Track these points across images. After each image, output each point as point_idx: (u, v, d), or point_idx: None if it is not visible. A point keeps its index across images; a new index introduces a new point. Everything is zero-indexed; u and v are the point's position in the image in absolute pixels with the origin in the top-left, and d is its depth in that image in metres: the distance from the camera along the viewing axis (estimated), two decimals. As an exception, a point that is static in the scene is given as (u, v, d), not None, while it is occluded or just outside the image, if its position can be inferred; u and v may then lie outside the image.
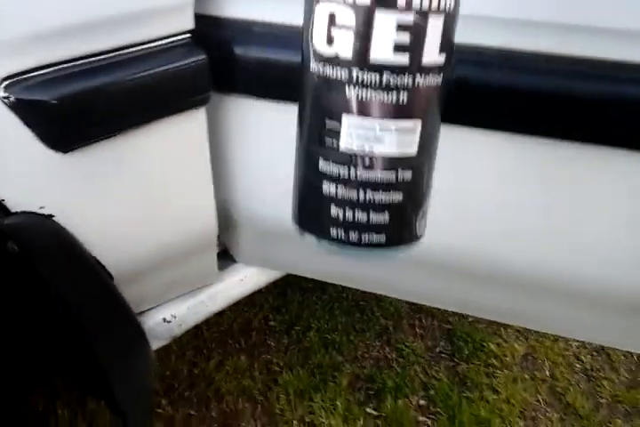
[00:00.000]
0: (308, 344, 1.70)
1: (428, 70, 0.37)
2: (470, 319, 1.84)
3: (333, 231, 0.43)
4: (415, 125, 0.38)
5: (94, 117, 0.76)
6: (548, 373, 1.71)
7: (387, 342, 1.76)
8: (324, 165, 0.41)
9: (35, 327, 0.94)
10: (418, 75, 0.37)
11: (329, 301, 1.86)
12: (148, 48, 0.78)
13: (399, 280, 1.04)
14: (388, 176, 0.39)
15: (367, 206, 0.41)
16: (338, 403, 1.52)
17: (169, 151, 0.86)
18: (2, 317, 0.86)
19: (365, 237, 0.42)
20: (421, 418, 1.53)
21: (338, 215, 0.42)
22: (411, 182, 0.41)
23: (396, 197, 0.40)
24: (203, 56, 0.81)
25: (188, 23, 0.80)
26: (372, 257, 0.46)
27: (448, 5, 0.36)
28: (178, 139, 0.86)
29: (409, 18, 0.35)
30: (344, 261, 1.09)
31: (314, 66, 0.39)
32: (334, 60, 0.37)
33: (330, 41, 0.37)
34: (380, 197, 0.40)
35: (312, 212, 0.45)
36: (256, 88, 0.86)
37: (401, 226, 0.43)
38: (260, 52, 0.83)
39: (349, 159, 0.39)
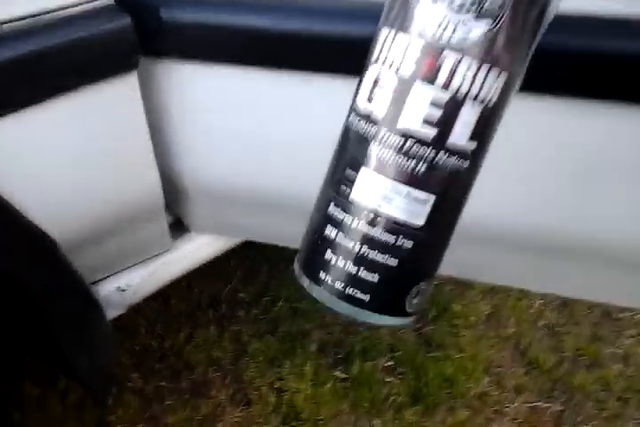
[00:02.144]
0: (277, 313, 1.72)
1: (452, 152, 0.38)
2: (435, 282, 1.87)
3: (322, 275, 0.43)
4: (428, 198, 0.39)
5: (17, 84, 0.76)
6: (512, 330, 1.75)
7: (354, 308, 1.78)
8: (332, 210, 0.42)
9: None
10: (441, 152, 0.38)
11: (296, 271, 1.88)
12: (71, 12, 0.78)
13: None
14: (388, 239, 0.40)
15: (360, 261, 0.41)
16: (306, 368, 1.55)
17: (102, 117, 0.86)
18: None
19: (349, 291, 0.43)
20: (388, 378, 1.56)
21: (330, 260, 0.43)
22: (409, 253, 0.41)
23: (391, 262, 0.41)
24: (127, 19, 0.81)
25: (111, -14, 0.80)
26: (358, 316, 0.45)
27: (488, 98, 0.37)
28: (110, 105, 0.86)
29: (444, 96, 0.36)
30: (299, 224, 1.11)
31: (352, 118, 0.41)
32: (369, 117, 0.39)
33: (370, 99, 0.39)
34: (375, 256, 0.41)
35: (309, 253, 0.46)
36: (184, 50, 0.86)
37: (388, 294, 0.44)
38: (185, 13, 0.83)
39: (356, 210, 0.41)
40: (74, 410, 1.41)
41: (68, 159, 0.87)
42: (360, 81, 0.41)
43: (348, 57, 0.82)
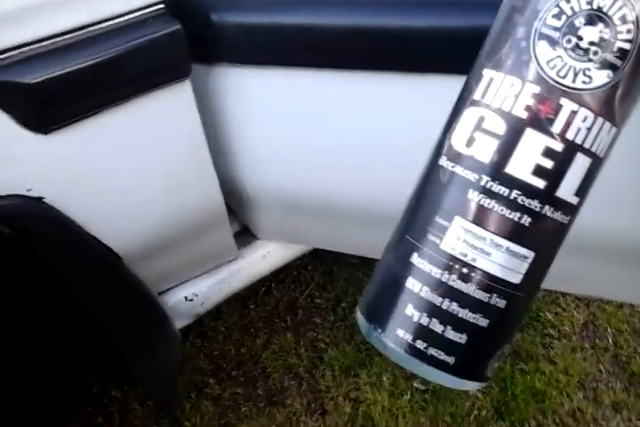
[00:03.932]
0: (354, 321, 1.67)
1: (558, 205, 0.36)
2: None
3: (400, 333, 0.40)
4: (528, 254, 0.37)
5: (71, 96, 0.76)
6: (610, 341, 1.61)
7: (436, 315, 1.71)
8: (416, 260, 0.39)
9: (40, 312, 0.96)
10: (547, 205, 0.35)
11: (375, 276, 1.82)
12: (122, 22, 0.77)
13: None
14: (481, 296, 0.37)
15: (447, 319, 0.38)
16: (384, 378, 1.49)
17: (156, 127, 0.85)
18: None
19: (432, 352, 0.39)
20: (472, 391, 1.48)
21: (412, 317, 0.39)
22: (501, 312, 0.38)
23: (481, 322, 0.38)
24: (178, 26, 0.79)
25: (159, -7, 0.78)
26: (436, 379, 0.42)
27: (598, 152, 0.35)
28: (164, 114, 0.85)
29: (558, 146, 0.34)
30: (367, 233, 1.06)
31: (443, 161, 0.38)
32: (467, 162, 0.37)
33: (470, 143, 0.37)
34: (465, 315, 0.38)
35: (385, 304, 0.42)
36: (238, 56, 0.84)
37: (475, 356, 0.41)
38: (234, 16, 0.81)
39: (446, 263, 0.38)
40: (152, 414, 1.42)
41: (127, 171, 0.87)
42: (453, 121, 0.38)
43: (410, 55, 0.78)
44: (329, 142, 0.92)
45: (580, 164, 0.35)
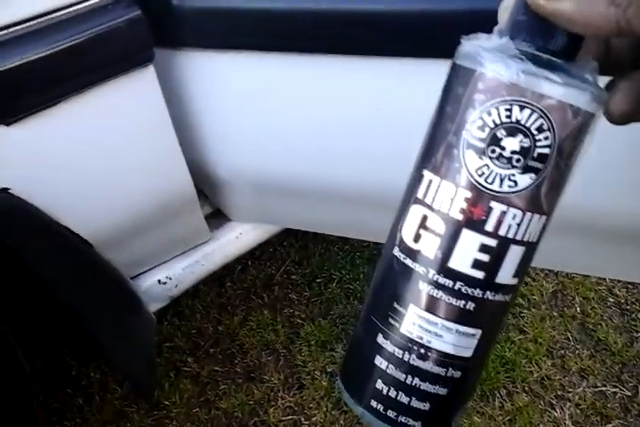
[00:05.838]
0: (330, 296, 1.70)
1: (498, 289, 0.40)
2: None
3: (374, 403, 0.44)
4: (476, 333, 0.41)
5: (32, 86, 0.75)
6: (578, 309, 1.66)
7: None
8: (381, 341, 0.43)
9: (12, 299, 0.97)
10: (488, 291, 0.39)
11: (350, 251, 1.84)
12: (81, 9, 0.76)
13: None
14: (438, 371, 0.42)
15: (411, 392, 0.43)
16: (359, 352, 1.52)
17: (121, 113, 0.84)
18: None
19: (402, 419, 0.44)
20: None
21: (382, 390, 0.43)
22: (458, 381, 0.43)
23: (441, 391, 0.42)
24: (138, 12, 0.78)
25: (117, -22, 0.77)
26: None
27: (530, 239, 0.39)
28: (129, 100, 0.84)
29: (492, 242, 0.38)
30: (337, 211, 1.07)
31: (396, 252, 0.42)
32: (416, 256, 0.40)
33: (417, 239, 0.40)
34: (426, 387, 0.42)
35: (359, 378, 0.46)
36: (201, 40, 0.83)
37: (439, 418, 0.45)
38: (197, 2, 0.80)
39: (406, 344, 0.42)
40: (131, 394, 1.45)
41: (93, 158, 0.86)
42: (402, 214, 0.42)
43: (367, 37, 0.78)
44: (295, 124, 0.92)
45: (515, 253, 0.39)
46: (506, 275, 0.39)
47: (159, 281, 1.10)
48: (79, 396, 1.44)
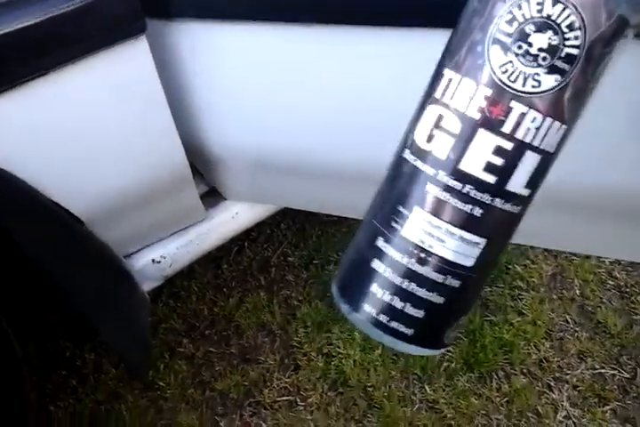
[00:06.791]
0: (327, 278, 1.69)
1: (508, 197, 0.38)
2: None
3: (366, 307, 0.44)
4: (480, 242, 0.40)
5: (21, 56, 0.72)
6: (577, 292, 1.65)
7: (408, 270, 1.72)
8: (380, 244, 0.42)
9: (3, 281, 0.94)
10: (498, 198, 0.38)
11: (347, 233, 1.82)
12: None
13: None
14: (436, 277, 0.41)
15: (407, 297, 0.42)
16: (356, 333, 1.51)
17: (113, 86, 0.82)
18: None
19: (393, 325, 0.43)
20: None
21: (376, 294, 0.43)
22: (455, 291, 0.42)
23: (437, 299, 0.42)
24: (128, -21, 0.75)
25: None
26: (396, 347, 0.47)
27: (547, 149, 0.37)
28: (121, 72, 0.81)
29: (508, 145, 0.37)
30: (335, 190, 1.05)
31: (407, 155, 0.41)
32: (427, 157, 0.39)
33: (429, 139, 0.39)
34: (422, 293, 0.41)
35: (353, 281, 0.46)
36: (195, 9, 0.80)
37: (432, 328, 0.45)
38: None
39: (406, 248, 0.41)
40: (126, 375, 1.43)
41: (84, 133, 0.84)
42: (416, 117, 0.41)
43: (372, 5, 0.75)
44: (296, 99, 0.90)
45: (530, 160, 0.38)
46: (518, 183, 0.38)
47: (153, 260, 1.08)
48: (73, 377, 1.43)
